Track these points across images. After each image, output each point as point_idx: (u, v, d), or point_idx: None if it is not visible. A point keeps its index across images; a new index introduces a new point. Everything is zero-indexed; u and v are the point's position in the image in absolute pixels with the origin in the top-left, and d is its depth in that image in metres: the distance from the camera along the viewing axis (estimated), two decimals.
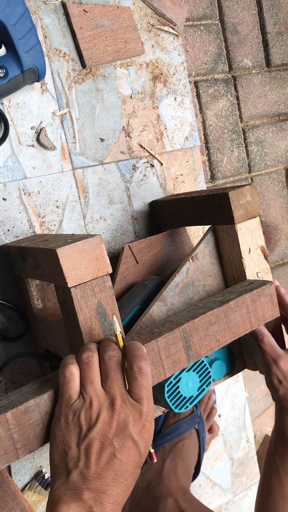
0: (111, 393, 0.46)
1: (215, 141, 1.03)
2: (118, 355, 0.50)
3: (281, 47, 1.11)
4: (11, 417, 0.45)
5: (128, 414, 0.46)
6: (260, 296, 0.62)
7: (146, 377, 0.48)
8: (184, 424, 0.84)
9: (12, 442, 0.45)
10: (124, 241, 0.85)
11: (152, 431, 0.48)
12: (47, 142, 0.76)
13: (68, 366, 0.49)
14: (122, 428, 0.45)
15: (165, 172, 0.89)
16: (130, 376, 0.48)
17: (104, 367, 0.49)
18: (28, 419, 0.46)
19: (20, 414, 0.46)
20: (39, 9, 0.76)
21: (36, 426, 0.47)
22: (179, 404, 0.59)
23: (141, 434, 0.46)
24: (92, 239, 0.54)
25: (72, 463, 0.44)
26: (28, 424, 0.46)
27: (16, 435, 0.45)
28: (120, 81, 0.83)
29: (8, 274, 0.74)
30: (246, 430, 1.04)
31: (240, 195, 0.67)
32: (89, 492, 0.42)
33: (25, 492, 0.78)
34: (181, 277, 0.70)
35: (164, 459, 0.81)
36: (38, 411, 0.47)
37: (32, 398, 0.47)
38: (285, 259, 1.18)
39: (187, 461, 0.82)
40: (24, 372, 0.77)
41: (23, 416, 0.46)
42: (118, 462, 0.44)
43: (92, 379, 0.47)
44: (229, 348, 0.75)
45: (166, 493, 0.74)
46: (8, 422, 0.45)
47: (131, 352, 0.49)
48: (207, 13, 1.00)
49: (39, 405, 0.47)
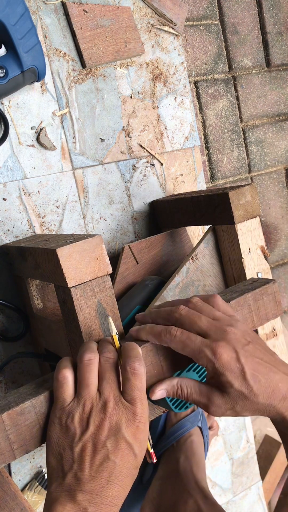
0: (104, 396, 0.47)
1: (215, 141, 1.03)
2: (114, 357, 0.50)
3: (281, 47, 1.11)
4: (7, 418, 0.45)
5: (121, 416, 0.46)
6: (263, 295, 0.61)
7: (139, 377, 0.48)
8: (187, 422, 0.84)
9: (8, 443, 0.45)
10: (124, 241, 0.85)
11: (146, 432, 0.48)
12: (47, 142, 0.76)
13: (61, 370, 0.49)
14: (115, 430, 0.45)
15: (165, 172, 0.89)
16: (124, 377, 0.48)
17: (100, 369, 0.49)
18: (24, 420, 0.46)
19: (16, 416, 0.46)
20: (39, 9, 0.76)
21: (32, 427, 0.47)
22: (179, 404, 0.59)
23: (135, 435, 0.46)
24: (92, 239, 0.54)
25: (67, 466, 0.44)
26: (24, 425, 0.46)
27: (12, 436, 0.46)
28: (120, 81, 0.83)
29: (8, 274, 0.74)
30: (246, 430, 1.04)
31: (240, 195, 0.67)
32: (83, 494, 0.43)
33: (25, 492, 0.78)
34: (181, 277, 0.70)
35: (177, 457, 0.81)
36: (34, 412, 0.47)
37: (28, 399, 0.47)
38: (285, 259, 1.18)
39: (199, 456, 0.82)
40: (24, 372, 0.77)
41: (19, 417, 0.46)
42: (112, 464, 0.44)
43: (89, 383, 0.48)
44: None
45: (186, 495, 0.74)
46: (4, 423, 0.45)
47: (126, 353, 0.49)
48: (207, 13, 1.00)
49: (35, 406, 0.47)
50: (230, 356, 0.49)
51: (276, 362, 0.52)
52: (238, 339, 0.51)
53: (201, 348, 0.50)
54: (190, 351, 0.50)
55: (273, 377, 0.50)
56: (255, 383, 0.49)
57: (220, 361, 0.49)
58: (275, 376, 0.50)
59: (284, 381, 0.50)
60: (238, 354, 0.49)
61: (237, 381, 0.49)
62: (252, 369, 0.49)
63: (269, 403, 0.49)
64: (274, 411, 0.50)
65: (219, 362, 0.49)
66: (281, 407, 0.50)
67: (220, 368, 0.49)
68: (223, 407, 0.50)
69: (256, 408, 0.50)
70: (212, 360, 0.49)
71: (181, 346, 0.51)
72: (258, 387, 0.49)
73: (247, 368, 0.49)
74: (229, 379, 0.49)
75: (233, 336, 0.50)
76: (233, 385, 0.49)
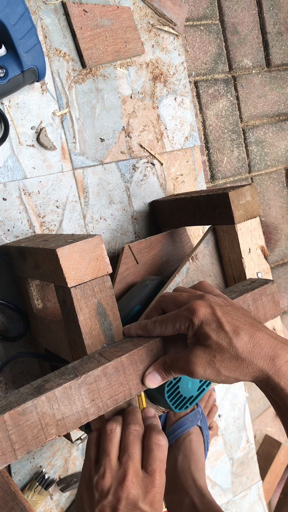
0: (125, 468, 0.49)
1: (215, 141, 1.03)
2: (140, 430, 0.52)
3: (281, 47, 1.11)
4: (8, 418, 0.45)
5: (139, 489, 0.48)
6: (262, 296, 0.61)
7: (162, 449, 0.50)
8: (186, 421, 0.84)
9: (10, 443, 0.45)
10: (124, 241, 0.85)
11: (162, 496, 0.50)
12: (47, 142, 0.76)
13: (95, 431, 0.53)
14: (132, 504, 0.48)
15: (165, 172, 0.89)
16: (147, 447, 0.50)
17: (124, 440, 0.51)
18: (25, 420, 0.46)
19: (18, 416, 0.46)
20: (39, 9, 0.76)
21: (34, 427, 0.47)
22: (179, 404, 0.59)
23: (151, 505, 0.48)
24: (92, 239, 0.54)
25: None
26: (26, 425, 0.46)
27: (14, 436, 0.46)
28: (120, 81, 0.83)
29: (8, 274, 0.74)
30: (246, 430, 1.04)
31: (240, 195, 0.67)
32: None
33: (25, 492, 0.78)
34: (181, 277, 0.70)
35: (176, 456, 0.81)
36: (35, 412, 0.47)
37: (29, 399, 0.47)
38: (285, 259, 1.18)
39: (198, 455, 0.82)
40: (24, 372, 0.77)
41: (20, 418, 0.46)
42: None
43: (109, 451, 0.50)
44: None
45: (183, 493, 0.74)
46: (6, 424, 0.45)
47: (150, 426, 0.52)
48: (207, 13, 1.00)
49: (36, 406, 0.47)
50: (206, 311, 0.49)
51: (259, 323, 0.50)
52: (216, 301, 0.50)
53: (179, 312, 0.50)
54: (172, 323, 0.51)
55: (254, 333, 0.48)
56: (234, 335, 0.47)
57: (196, 316, 0.48)
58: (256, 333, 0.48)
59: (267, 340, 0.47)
60: (215, 309, 0.49)
61: (214, 332, 0.47)
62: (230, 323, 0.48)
63: (250, 359, 0.47)
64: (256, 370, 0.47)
65: (195, 316, 0.48)
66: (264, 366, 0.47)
67: (197, 322, 0.48)
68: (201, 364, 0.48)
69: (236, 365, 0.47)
70: (189, 317, 0.49)
71: (165, 325, 0.52)
72: (237, 340, 0.47)
73: (224, 321, 0.48)
74: (206, 330, 0.48)
75: (211, 298, 0.51)
76: (210, 336, 0.48)
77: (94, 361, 0.51)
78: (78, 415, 0.49)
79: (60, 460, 0.81)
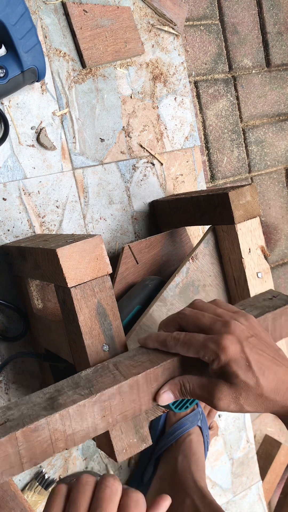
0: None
1: (215, 141, 1.03)
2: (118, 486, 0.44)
3: (281, 47, 1.11)
4: (21, 435, 0.44)
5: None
6: (282, 315, 0.59)
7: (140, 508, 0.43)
8: (186, 421, 0.84)
9: (18, 457, 0.45)
10: (124, 241, 0.85)
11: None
12: (47, 142, 0.76)
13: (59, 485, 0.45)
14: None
15: (165, 172, 0.89)
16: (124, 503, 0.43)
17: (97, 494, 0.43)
18: (37, 436, 0.45)
19: (30, 432, 0.45)
20: (39, 9, 0.76)
21: (43, 442, 0.46)
22: (179, 404, 0.59)
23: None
24: (92, 239, 0.54)
25: None
26: (36, 441, 0.45)
27: (23, 451, 0.45)
28: (120, 81, 0.83)
29: (8, 274, 0.74)
30: (246, 430, 1.04)
31: (240, 195, 0.67)
32: None
33: (25, 492, 0.78)
34: (181, 277, 0.70)
35: (176, 457, 0.81)
36: (47, 429, 0.46)
37: (43, 417, 0.46)
38: (285, 259, 1.18)
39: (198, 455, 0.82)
40: (24, 372, 0.77)
41: (32, 434, 0.45)
42: None
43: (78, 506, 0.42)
44: None
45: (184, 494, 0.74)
46: (17, 440, 0.44)
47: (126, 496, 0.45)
48: (207, 13, 1.00)
49: (49, 423, 0.46)
50: (235, 348, 0.48)
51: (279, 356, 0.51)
52: (242, 331, 0.50)
53: (205, 343, 0.49)
54: (195, 349, 0.50)
55: (276, 371, 0.49)
56: (261, 375, 0.48)
57: (225, 353, 0.48)
58: (279, 370, 0.49)
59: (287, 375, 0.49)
60: (243, 345, 0.49)
61: (242, 371, 0.48)
62: (257, 360, 0.48)
63: (273, 397, 0.49)
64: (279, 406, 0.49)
65: (224, 353, 0.48)
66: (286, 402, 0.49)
67: (225, 359, 0.48)
68: (226, 400, 0.49)
69: (260, 402, 0.49)
70: (217, 352, 0.48)
71: (187, 347, 0.50)
72: (263, 379, 0.48)
73: (252, 359, 0.48)
74: (234, 369, 0.48)
75: (237, 328, 0.50)
76: (238, 375, 0.48)
77: (109, 375, 0.50)
78: (88, 430, 0.48)
79: (60, 460, 0.81)
